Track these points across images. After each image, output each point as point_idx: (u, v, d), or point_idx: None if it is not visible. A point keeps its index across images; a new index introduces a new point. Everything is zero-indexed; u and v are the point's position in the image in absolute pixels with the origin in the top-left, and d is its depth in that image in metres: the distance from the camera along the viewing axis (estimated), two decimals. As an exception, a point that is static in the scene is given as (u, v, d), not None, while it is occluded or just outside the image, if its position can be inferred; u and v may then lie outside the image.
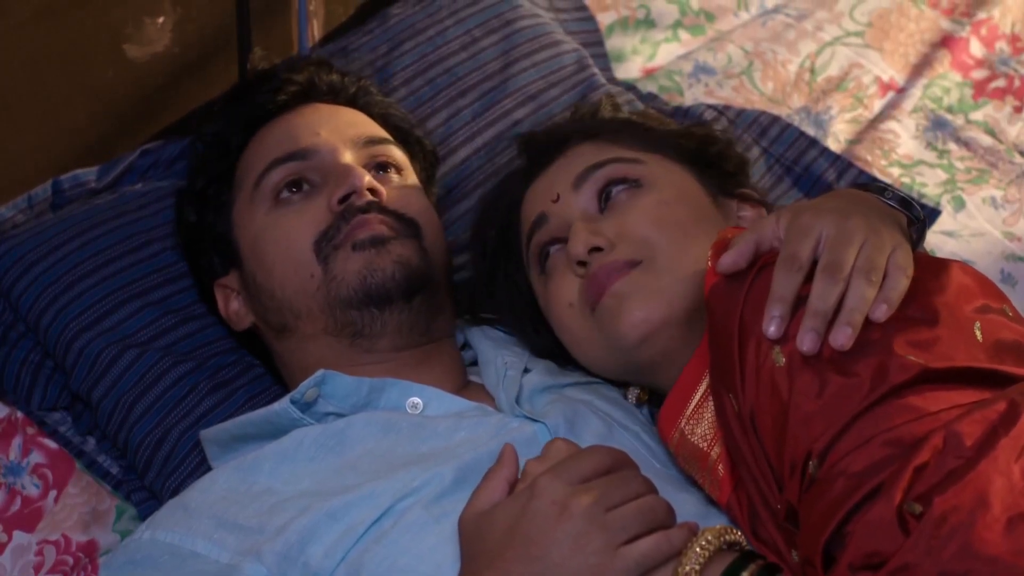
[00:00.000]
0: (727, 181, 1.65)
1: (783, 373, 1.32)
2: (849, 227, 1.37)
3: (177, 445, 1.76)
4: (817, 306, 1.32)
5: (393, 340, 1.64)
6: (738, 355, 1.36)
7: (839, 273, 1.33)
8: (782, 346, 1.32)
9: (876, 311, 1.32)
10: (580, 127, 1.69)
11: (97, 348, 1.79)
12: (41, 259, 1.84)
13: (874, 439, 1.26)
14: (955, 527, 1.18)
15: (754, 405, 1.34)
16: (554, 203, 1.59)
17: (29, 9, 1.87)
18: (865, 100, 2.32)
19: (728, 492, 1.43)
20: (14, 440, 1.80)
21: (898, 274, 1.34)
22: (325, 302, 1.63)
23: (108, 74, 1.99)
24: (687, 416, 1.46)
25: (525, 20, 2.19)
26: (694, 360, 1.47)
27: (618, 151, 1.60)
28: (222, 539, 1.51)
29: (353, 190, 1.64)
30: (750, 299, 1.37)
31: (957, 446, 1.23)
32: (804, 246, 1.36)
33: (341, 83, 1.81)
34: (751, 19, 2.43)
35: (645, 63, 2.37)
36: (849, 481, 1.25)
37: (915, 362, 1.28)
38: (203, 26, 2.08)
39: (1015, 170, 2.24)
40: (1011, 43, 2.42)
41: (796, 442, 1.30)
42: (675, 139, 1.66)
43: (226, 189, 1.74)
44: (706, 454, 1.45)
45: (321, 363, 1.64)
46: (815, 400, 1.29)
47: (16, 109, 1.91)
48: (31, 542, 1.75)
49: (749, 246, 1.41)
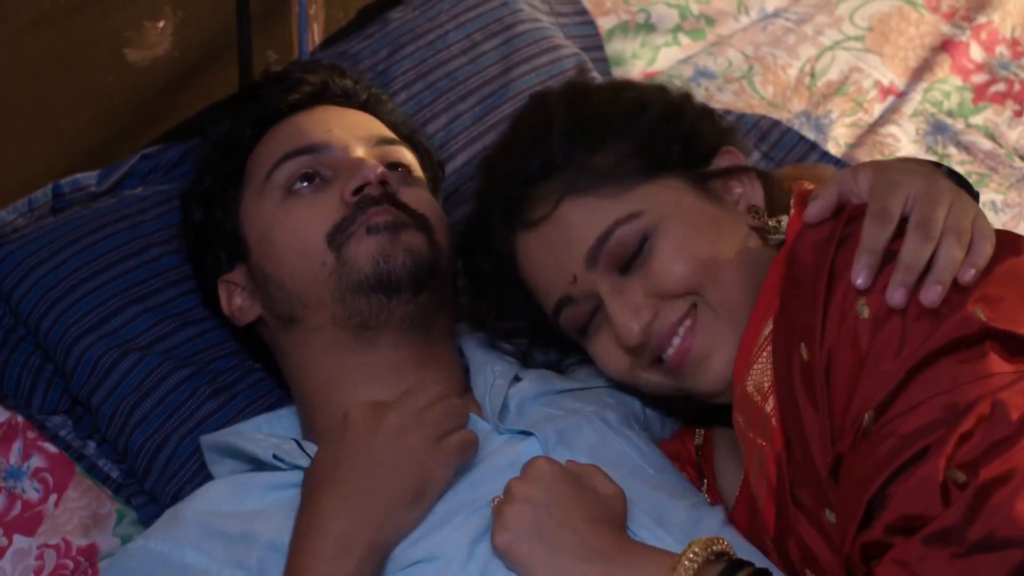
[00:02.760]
0: (705, 162, 1.59)
1: (866, 325, 1.34)
2: (937, 188, 1.41)
3: (177, 449, 1.76)
4: (910, 261, 1.35)
5: (396, 333, 1.64)
6: (824, 302, 1.38)
7: (932, 231, 1.37)
8: (867, 298, 1.35)
9: (965, 274, 1.35)
10: (549, 172, 1.56)
11: (97, 352, 1.79)
12: (41, 263, 1.84)
13: (928, 401, 1.28)
14: (999, 500, 1.21)
15: (832, 353, 1.36)
16: (572, 284, 1.54)
17: (30, 14, 1.87)
18: (865, 104, 2.32)
19: (780, 446, 1.43)
20: (14, 444, 1.80)
21: (984, 240, 1.38)
22: (336, 288, 1.63)
23: (108, 78, 1.99)
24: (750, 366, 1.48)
25: (525, 24, 2.19)
26: (757, 310, 1.48)
27: (609, 207, 1.52)
28: (211, 549, 1.52)
29: (366, 181, 1.65)
30: (843, 249, 1.39)
31: (1003, 417, 1.26)
32: (895, 201, 1.39)
33: (354, 88, 1.82)
34: (751, 23, 2.43)
35: (645, 67, 2.37)
36: (898, 441, 1.28)
37: (978, 318, 1.31)
38: (203, 31, 2.08)
39: (1015, 174, 2.24)
40: (1011, 47, 2.42)
41: (865, 396, 1.32)
42: (645, 149, 1.57)
43: (235, 186, 1.74)
44: (760, 407, 1.45)
45: (324, 358, 1.65)
46: (894, 358, 1.32)
47: (17, 113, 1.91)
48: (31, 546, 1.75)
49: (833, 198, 1.44)
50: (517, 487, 1.40)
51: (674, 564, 1.32)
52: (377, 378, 1.62)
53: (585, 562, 1.35)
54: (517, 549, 1.37)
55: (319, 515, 1.43)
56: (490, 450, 1.53)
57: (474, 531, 1.43)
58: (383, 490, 1.44)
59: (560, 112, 1.60)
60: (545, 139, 1.57)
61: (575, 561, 1.35)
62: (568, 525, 1.37)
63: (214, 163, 1.77)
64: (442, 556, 1.43)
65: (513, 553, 1.38)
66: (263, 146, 1.74)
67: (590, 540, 1.36)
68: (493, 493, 1.44)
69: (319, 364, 1.66)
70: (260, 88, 1.81)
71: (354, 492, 1.44)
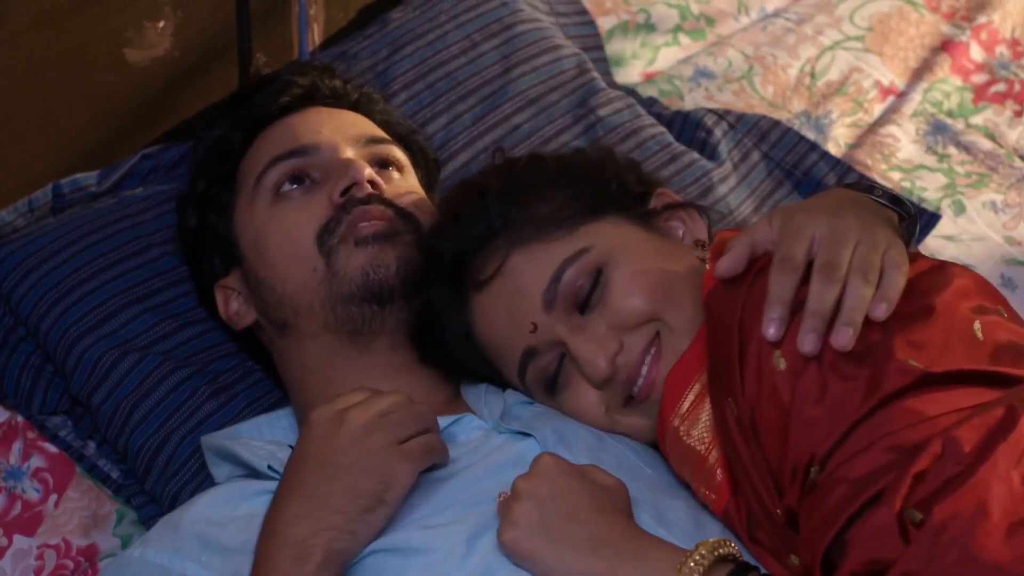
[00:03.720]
0: (642, 203, 1.60)
1: (784, 377, 1.32)
2: (842, 226, 1.37)
3: (177, 450, 1.76)
4: (816, 306, 1.32)
5: (391, 338, 1.64)
6: (739, 359, 1.35)
7: (835, 272, 1.33)
8: (782, 349, 1.32)
9: (876, 310, 1.32)
10: (490, 235, 1.54)
11: (97, 352, 1.79)
12: (41, 263, 1.84)
13: (874, 445, 1.26)
14: (955, 535, 1.18)
15: (755, 409, 1.34)
16: (533, 333, 1.52)
17: (30, 14, 1.87)
18: (865, 104, 2.32)
19: (726, 498, 1.43)
20: (14, 444, 1.80)
21: (894, 272, 1.34)
22: (327, 297, 1.63)
23: (108, 78, 1.99)
24: (681, 415, 1.45)
25: (525, 24, 2.19)
26: (687, 356, 1.46)
27: (556, 249, 1.51)
28: (209, 561, 1.52)
29: (354, 182, 1.65)
30: (749, 302, 1.37)
31: (956, 453, 1.23)
32: (798, 247, 1.36)
33: (344, 88, 1.81)
34: (751, 23, 2.43)
35: (645, 67, 2.37)
36: (849, 487, 1.25)
37: (915, 367, 1.28)
38: (203, 31, 2.08)
39: (1015, 174, 2.24)
40: (1011, 47, 2.42)
41: (798, 447, 1.30)
42: (582, 195, 1.56)
43: (228, 191, 1.75)
44: (703, 457, 1.44)
45: (320, 362, 1.65)
46: (816, 405, 1.29)
47: (17, 113, 1.91)
48: (31, 546, 1.75)
49: (745, 249, 1.40)
50: (523, 484, 1.40)
51: (681, 563, 1.32)
52: (372, 381, 1.61)
53: (592, 555, 1.35)
54: (523, 545, 1.37)
55: (279, 522, 1.42)
56: (490, 448, 1.53)
57: (472, 526, 1.43)
58: (342, 496, 1.42)
59: (492, 182, 1.59)
60: (482, 206, 1.56)
61: (582, 554, 1.35)
62: (574, 518, 1.37)
63: (207, 168, 1.78)
64: (438, 549, 1.42)
65: (519, 549, 1.37)
66: (254, 150, 1.74)
67: (598, 530, 1.36)
68: (491, 489, 1.44)
69: (314, 368, 1.66)
70: (250, 91, 1.81)
71: (313, 498, 1.42)
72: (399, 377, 1.63)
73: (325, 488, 1.42)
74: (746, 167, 2.18)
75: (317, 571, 1.40)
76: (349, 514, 1.42)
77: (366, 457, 1.43)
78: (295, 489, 1.44)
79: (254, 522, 1.48)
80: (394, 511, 1.44)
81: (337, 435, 1.45)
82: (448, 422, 1.56)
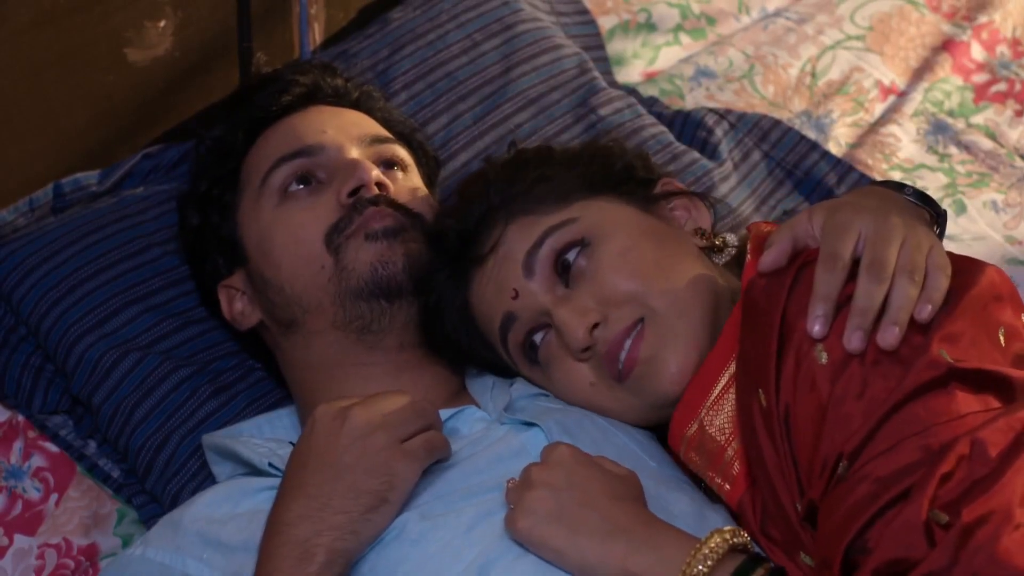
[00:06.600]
0: (645, 189, 1.61)
1: (825, 371, 1.32)
2: (888, 225, 1.38)
3: (178, 449, 1.76)
4: (864, 305, 1.33)
5: (399, 337, 1.64)
6: (777, 352, 1.36)
7: (883, 272, 1.34)
8: (825, 343, 1.33)
9: (921, 311, 1.33)
10: (490, 212, 1.57)
11: (98, 352, 1.80)
12: (42, 263, 1.85)
13: (901, 444, 1.26)
14: (981, 540, 1.19)
15: (790, 402, 1.35)
16: (515, 300, 1.53)
17: (30, 14, 1.87)
18: (866, 104, 2.32)
19: (742, 490, 1.43)
20: (15, 444, 1.80)
21: (939, 274, 1.35)
22: (336, 293, 1.63)
23: (109, 78, 1.99)
24: (708, 406, 1.46)
25: (526, 24, 2.19)
26: (717, 348, 1.46)
27: (545, 220, 1.53)
28: (211, 559, 1.52)
29: (362, 183, 1.65)
30: (794, 297, 1.37)
31: (982, 455, 1.24)
32: (845, 244, 1.37)
33: (345, 87, 1.82)
34: (752, 23, 2.43)
35: (646, 67, 2.37)
36: (874, 485, 1.25)
37: (944, 360, 1.29)
38: (204, 30, 2.08)
39: (1016, 174, 2.24)
40: (1012, 47, 2.42)
41: (832, 441, 1.30)
42: (584, 175, 1.59)
43: (230, 191, 1.74)
44: (723, 448, 1.45)
45: (326, 360, 1.65)
46: (856, 400, 1.30)
47: (17, 113, 1.91)
48: (32, 546, 1.75)
49: (787, 244, 1.41)
50: (537, 472, 1.40)
51: (695, 550, 1.32)
52: (377, 379, 1.62)
53: (607, 540, 1.35)
54: (538, 532, 1.37)
55: (281, 522, 1.43)
56: (491, 439, 1.53)
57: (471, 517, 1.43)
58: (344, 496, 1.42)
59: (497, 168, 1.62)
60: (485, 187, 1.58)
61: (596, 540, 1.35)
62: (590, 505, 1.37)
63: (209, 167, 1.78)
64: (437, 539, 1.42)
65: (535, 536, 1.38)
66: (257, 150, 1.74)
67: (613, 516, 1.36)
68: (493, 480, 1.45)
69: (319, 367, 1.66)
70: (252, 91, 1.81)
71: (315, 498, 1.42)
72: (404, 376, 1.63)
73: (328, 488, 1.43)
74: (747, 167, 2.18)
75: (320, 571, 1.40)
76: (351, 514, 1.42)
77: (368, 456, 1.43)
78: (297, 489, 1.44)
79: (255, 519, 1.49)
80: (398, 509, 1.44)
81: (339, 434, 1.45)
82: (449, 415, 1.57)
